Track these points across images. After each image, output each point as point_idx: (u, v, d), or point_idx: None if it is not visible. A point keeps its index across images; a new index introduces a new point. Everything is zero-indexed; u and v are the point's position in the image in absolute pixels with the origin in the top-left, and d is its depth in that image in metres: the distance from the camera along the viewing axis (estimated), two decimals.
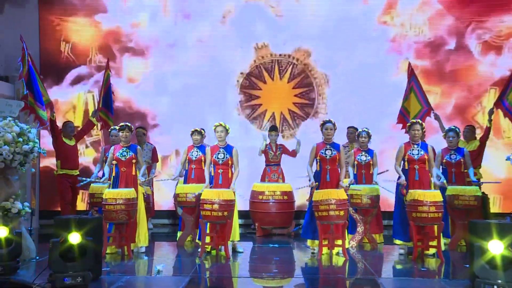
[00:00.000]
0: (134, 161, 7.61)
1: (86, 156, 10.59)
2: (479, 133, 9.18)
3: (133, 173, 7.63)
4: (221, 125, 7.70)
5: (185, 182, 8.42)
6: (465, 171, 8.17)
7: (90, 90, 10.72)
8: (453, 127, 8.39)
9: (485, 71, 10.47)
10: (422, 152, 7.53)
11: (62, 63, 10.72)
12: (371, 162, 8.48)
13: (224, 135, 7.69)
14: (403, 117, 9.11)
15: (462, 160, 8.20)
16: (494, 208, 9.88)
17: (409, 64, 9.44)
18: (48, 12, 10.65)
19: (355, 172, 8.45)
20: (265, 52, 10.73)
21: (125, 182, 7.53)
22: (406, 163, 7.59)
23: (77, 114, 10.73)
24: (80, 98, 10.73)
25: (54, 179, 9.34)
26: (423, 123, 7.81)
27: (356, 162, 8.49)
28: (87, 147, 10.55)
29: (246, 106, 10.77)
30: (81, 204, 10.07)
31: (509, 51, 10.41)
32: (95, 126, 9.67)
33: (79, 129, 9.65)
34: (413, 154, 7.54)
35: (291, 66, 10.71)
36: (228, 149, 7.68)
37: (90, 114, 9.68)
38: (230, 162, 7.65)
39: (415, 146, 7.58)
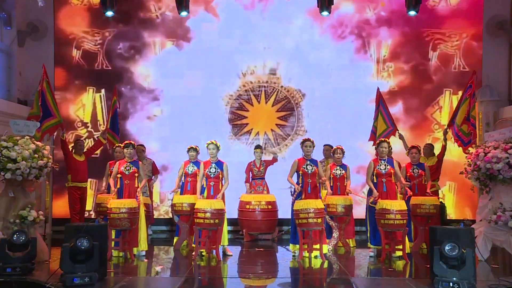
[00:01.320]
0: (136, 174, 7.62)
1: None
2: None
3: (135, 185, 7.64)
4: (212, 143, 7.75)
5: (181, 193, 8.41)
6: (425, 183, 8.27)
7: (98, 91, 10.77)
8: (415, 146, 8.51)
9: (440, 74, 10.66)
10: (388, 167, 7.59)
11: (74, 67, 10.74)
12: (345, 176, 8.55)
13: (215, 152, 7.73)
14: (374, 135, 9.24)
15: (423, 173, 8.31)
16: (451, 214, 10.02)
17: (378, 89, 9.55)
18: (63, 25, 10.74)
19: (331, 184, 8.51)
20: (254, 78, 10.80)
21: (128, 193, 7.54)
22: (374, 177, 7.63)
23: (86, 111, 10.75)
24: (89, 97, 10.77)
25: (65, 191, 9.35)
26: (389, 142, 7.90)
27: (332, 176, 8.54)
28: (94, 140, 10.48)
29: (235, 125, 10.79)
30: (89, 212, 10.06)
31: (459, 58, 10.62)
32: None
33: (89, 147, 9.64)
34: (381, 169, 7.59)
35: (276, 92, 10.79)
36: (219, 164, 7.72)
37: (99, 134, 9.70)
38: (220, 175, 7.68)
39: (382, 161, 7.64)
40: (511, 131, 7.15)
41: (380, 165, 7.60)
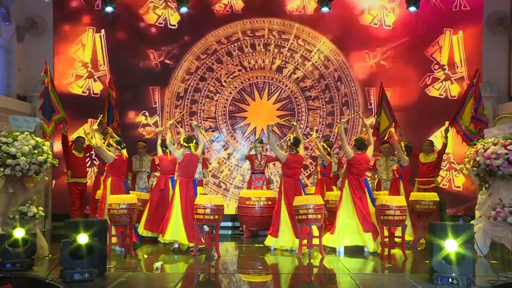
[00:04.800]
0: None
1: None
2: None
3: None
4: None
5: None
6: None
7: (98, 31, 10.72)
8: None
9: (440, 14, 10.56)
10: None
11: (74, 8, 10.66)
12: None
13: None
14: (377, 131, 9.26)
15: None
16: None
17: (381, 84, 9.53)
18: None
19: (319, 177, 8.70)
20: (260, 73, 10.77)
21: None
22: None
23: (86, 51, 10.71)
24: (89, 37, 10.73)
25: (65, 186, 9.35)
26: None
27: (319, 168, 8.71)
28: (94, 81, 10.63)
29: (233, 117, 10.76)
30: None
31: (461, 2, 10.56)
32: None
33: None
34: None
35: (279, 90, 10.76)
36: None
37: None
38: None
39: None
40: (511, 128, 7.15)
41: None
